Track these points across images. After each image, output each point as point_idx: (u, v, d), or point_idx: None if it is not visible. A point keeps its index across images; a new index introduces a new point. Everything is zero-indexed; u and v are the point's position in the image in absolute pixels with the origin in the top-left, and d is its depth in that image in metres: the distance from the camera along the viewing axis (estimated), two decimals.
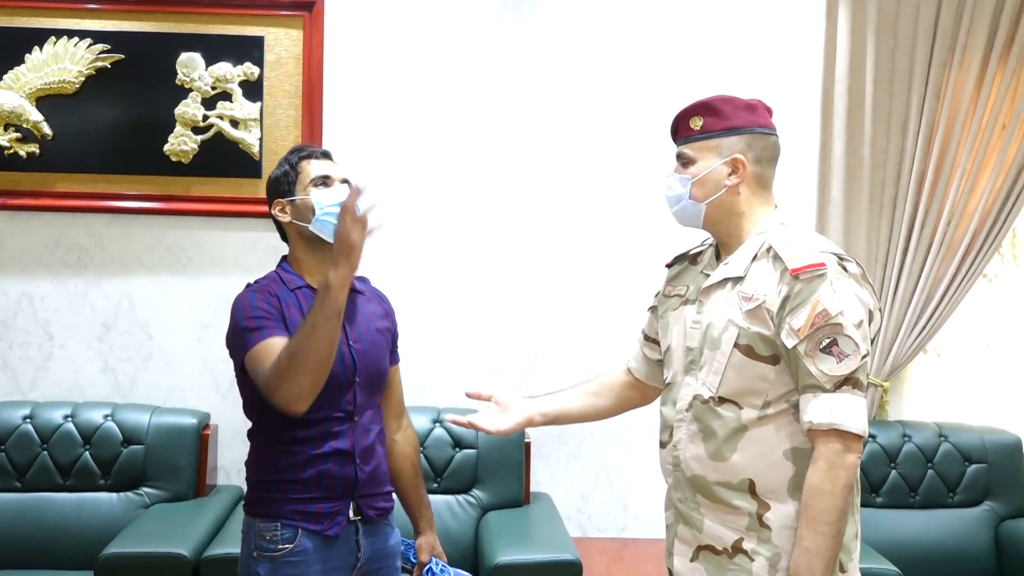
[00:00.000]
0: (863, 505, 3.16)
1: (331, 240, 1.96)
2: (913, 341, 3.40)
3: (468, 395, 2.00)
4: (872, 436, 3.25)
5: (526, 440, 3.23)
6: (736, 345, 1.72)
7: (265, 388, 1.85)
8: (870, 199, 3.36)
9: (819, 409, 1.63)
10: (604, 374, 2.13)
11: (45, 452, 3.07)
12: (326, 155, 2.10)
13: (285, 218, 2.05)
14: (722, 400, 1.74)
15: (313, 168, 2.05)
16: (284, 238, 2.11)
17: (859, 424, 1.63)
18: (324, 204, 1.99)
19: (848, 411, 1.63)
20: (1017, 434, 3.32)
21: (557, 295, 3.41)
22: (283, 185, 2.05)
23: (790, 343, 1.66)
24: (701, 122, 1.80)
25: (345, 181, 2.04)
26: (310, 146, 2.15)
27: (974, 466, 3.25)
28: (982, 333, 3.63)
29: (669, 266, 1.99)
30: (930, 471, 3.25)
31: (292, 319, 1.94)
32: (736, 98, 1.81)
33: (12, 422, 3.08)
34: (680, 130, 1.84)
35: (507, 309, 3.41)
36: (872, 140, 3.34)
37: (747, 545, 1.72)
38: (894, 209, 3.38)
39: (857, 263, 1.74)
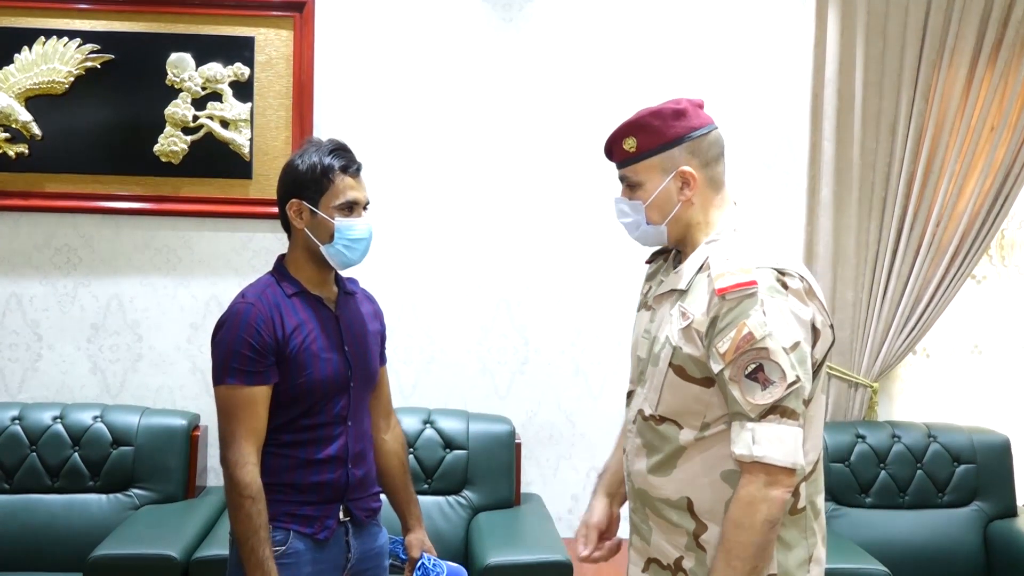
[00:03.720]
0: (853, 505, 3.21)
1: (339, 269, 1.99)
2: (902, 342, 3.42)
3: (583, 560, 1.88)
4: (862, 436, 3.27)
5: (516, 441, 3.23)
6: (670, 364, 1.64)
7: (219, 436, 1.93)
8: (859, 201, 3.37)
9: (743, 440, 1.53)
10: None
11: (34, 453, 3.05)
12: (359, 171, 1.99)
13: (299, 223, 1.96)
14: (662, 419, 1.66)
15: (347, 187, 1.95)
16: (286, 228, 2.01)
17: (786, 457, 1.51)
18: (346, 235, 1.93)
19: (773, 443, 1.51)
20: (1005, 434, 3.33)
21: (548, 296, 3.42)
22: (310, 188, 1.94)
23: (716, 368, 1.57)
24: (634, 142, 1.70)
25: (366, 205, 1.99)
26: (350, 153, 1.99)
27: (963, 466, 3.26)
28: (971, 334, 3.64)
29: (649, 262, 1.93)
30: (919, 471, 3.26)
31: (290, 326, 1.92)
32: (662, 108, 1.70)
33: (0, 423, 3.06)
34: (615, 153, 1.74)
35: (498, 310, 3.41)
36: (861, 142, 3.35)
37: (686, 564, 1.66)
38: (883, 211, 3.39)
39: (802, 277, 1.61)
